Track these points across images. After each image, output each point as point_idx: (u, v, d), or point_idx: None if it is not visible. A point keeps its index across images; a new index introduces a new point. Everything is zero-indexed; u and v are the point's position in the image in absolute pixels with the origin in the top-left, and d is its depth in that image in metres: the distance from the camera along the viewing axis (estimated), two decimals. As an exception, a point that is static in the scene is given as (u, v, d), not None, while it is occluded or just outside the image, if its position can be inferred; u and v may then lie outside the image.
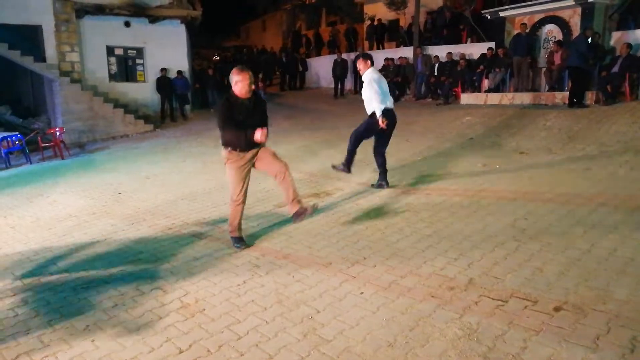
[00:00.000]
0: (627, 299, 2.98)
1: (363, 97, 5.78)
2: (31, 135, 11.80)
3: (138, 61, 15.11)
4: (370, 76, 5.66)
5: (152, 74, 14.92)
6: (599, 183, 5.67)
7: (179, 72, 14.99)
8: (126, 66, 15.02)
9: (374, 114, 5.60)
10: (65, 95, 12.96)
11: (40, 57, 13.02)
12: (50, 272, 3.97)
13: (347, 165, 6.05)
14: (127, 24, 14.55)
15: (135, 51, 15.00)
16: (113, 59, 14.71)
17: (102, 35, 14.19)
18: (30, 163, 10.68)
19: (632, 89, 9.65)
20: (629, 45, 9.75)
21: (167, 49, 15.06)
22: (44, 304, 3.39)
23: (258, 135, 3.99)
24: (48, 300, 3.44)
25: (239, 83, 4.01)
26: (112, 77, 14.72)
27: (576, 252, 3.74)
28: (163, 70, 14.74)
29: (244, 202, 4.25)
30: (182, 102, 15.28)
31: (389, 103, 5.67)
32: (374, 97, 5.55)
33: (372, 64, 5.76)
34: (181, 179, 7.45)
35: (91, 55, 14.14)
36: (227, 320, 3.03)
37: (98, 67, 14.32)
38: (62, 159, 11.02)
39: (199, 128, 13.45)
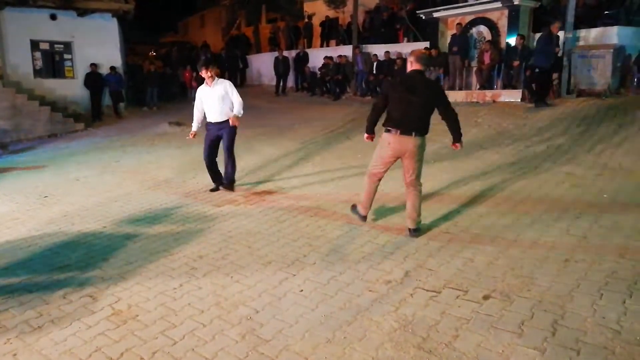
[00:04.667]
0: (549, 285, 3.17)
1: (219, 106, 5.88)
2: (-55, 135, 10.88)
3: (66, 56, 14.26)
4: (229, 83, 5.96)
5: (82, 70, 14.12)
6: (523, 176, 6.00)
7: (112, 68, 14.31)
8: (53, 61, 14.12)
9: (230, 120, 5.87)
10: (-15, 92, 12.04)
11: (-44, 51, 12.02)
12: (-35, 284, 3.67)
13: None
14: (53, 17, 13.71)
15: (62, 46, 14.14)
16: (38, 54, 13.80)
17: (26, 28, 13.26)
18: (-55, 166, 9.84)
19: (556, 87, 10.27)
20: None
21: (98, 43, 14.29)
22: (-42, 318, 3.13)
23: None
24: (-37, 314, 3.17)
25: None
26: (38, 72, 13.80)
27: (503, 243, 3.95)
28: (93, 65, 13.99)
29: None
30: (116, 99, 14.57)
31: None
32: (239, 103, 5.91)
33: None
34: (115, 180, 7.12)
35: (13, 50, 13.19)
36: (162, 325, 2.93)
37: (21, 62, 13.38)
38: (-18, 160, 10.23)
39: (134, 126, 12.90)
